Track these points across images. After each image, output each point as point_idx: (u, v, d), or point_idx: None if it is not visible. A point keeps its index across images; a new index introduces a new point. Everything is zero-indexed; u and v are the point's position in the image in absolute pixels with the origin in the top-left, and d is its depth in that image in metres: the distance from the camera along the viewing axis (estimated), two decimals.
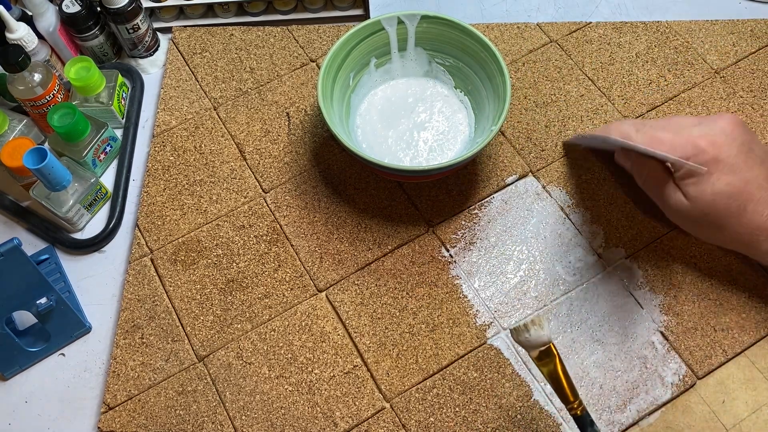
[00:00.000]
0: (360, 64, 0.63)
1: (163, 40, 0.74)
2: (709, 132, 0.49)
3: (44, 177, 0.57)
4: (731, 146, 0.48)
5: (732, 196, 0.48)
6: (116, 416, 0.54)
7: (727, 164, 0.48)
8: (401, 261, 0.59)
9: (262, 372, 0.55)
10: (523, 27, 0.71)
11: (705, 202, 0.49)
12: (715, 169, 0.48)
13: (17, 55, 0.59)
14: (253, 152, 0.65)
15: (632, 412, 0.52)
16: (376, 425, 0.52)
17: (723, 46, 0.68)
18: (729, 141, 0.48)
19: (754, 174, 0.48)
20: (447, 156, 0.61)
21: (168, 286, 0.59)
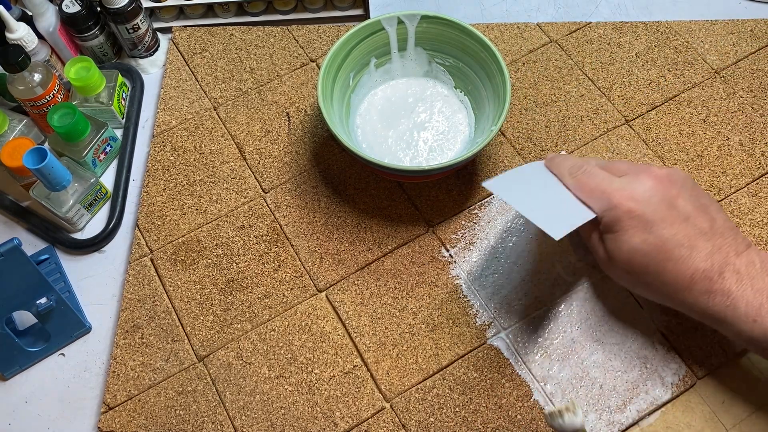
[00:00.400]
0: (360, 64, 0.63)
1: (163, 40, 0.74)
2: (627, 186, 0.46)
3: (44, 177, 0.57)
4: (649, 202, 0.45)
5: (648, 254, 0.45)
6: (116, 416, 0.54)
7: (643, 221, 0.45)
8: (401, 261, 0.59)
9: (262, 372, 0.55)
10: (523, 27, 0.71)
11: (622, 259, 0.46)
12: (629, 226, 0.45)
13: (17, 55, 0.59)
14: (253, 152, 0.65)
15: (632, 412, 0.52)
16: (376, 425, 0.52)
17: (723, 46, 0.68)
18: (647, 197, 0.45)
19: (674, 231, 0.45)
20: (447, 156, 0.61)
21: (168, 286, 0.59)
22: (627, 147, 0.63)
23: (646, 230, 0.45)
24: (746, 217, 0.59)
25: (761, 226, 0.59)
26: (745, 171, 0.61)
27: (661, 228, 0.45)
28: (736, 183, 0.61)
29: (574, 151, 0.63)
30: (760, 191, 0.60)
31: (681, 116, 0.64)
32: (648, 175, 0.46)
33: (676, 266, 0.44)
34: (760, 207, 0.59)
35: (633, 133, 0.64)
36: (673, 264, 0.44)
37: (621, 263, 0.46)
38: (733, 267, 0.44)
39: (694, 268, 0.44)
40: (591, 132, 0.64)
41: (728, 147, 0.62)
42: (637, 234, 0.45)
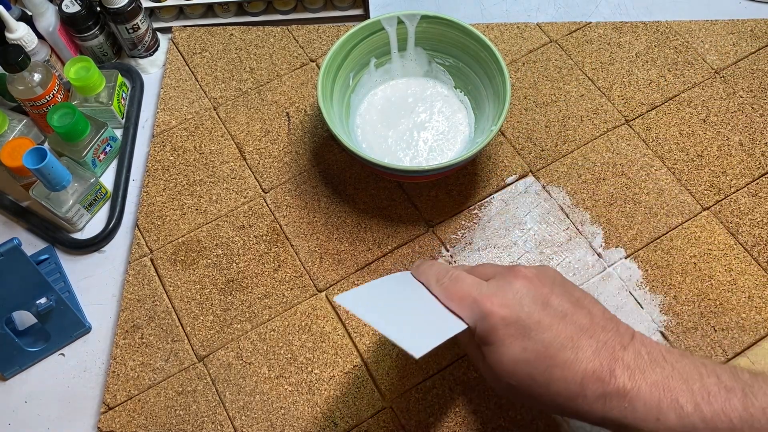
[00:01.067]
0: (360, 64, 0.63)
1: (163, 40, 0.74)
2: (497, 291, 0.42)
3: (44, 177, 0.57)
4: (521, 305, 0.41)
5: (531, 362, 0.40)
6: (116, 416, 0.54)
7: (519, 327, 0.40)
8: (401, 261, 0.59)
9: (261, 372, 0.55)
10: (523, 27, 0.71)
11: (505, 372, 0.40)
12: (506, 335, 0.40)
13: (17, 55, 0.59)
14: (253, 152, 0.65)
15: None
16: (376, 425, 0.52)
17: (723, 46, 0.68)
18: (519, 299, 0.41)
19: (554, 333, 0.40)
20: (447, 156, 0.61)
21: (168, 286, 0.59)
22: (627, 147, 0.63)
23: (524, 336, 0.40)
24: (746, 217, 0.59)
25: (761, 226, 0.59)
26: (745, 171, 0.61)
27: (540, 332, 0.40)
28: (736, 183, 0.61)
29: (573, 151, 0.63)
30: (760, 191, 0.60)
31: (681, 116, 0.64)
32: (516, 276, 0.42)
33: (563, 372, 0.39)
34: (760, 207, 0.59)
35: (633, 133, 0.64)
36: (560, 370, 0.39)
37: (505, 376, 0.41)
38: (623, 362, 0.39)
39: (583, 370, 0.39)
40: (591, 132, 0.64)
41: (728, 147, 0.62)
42: (515, 342, 0.40)
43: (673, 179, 0.61)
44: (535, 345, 0.40)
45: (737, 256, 0.57)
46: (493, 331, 0.41)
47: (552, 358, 0.40)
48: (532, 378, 0.40)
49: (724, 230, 0.59)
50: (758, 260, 0.57)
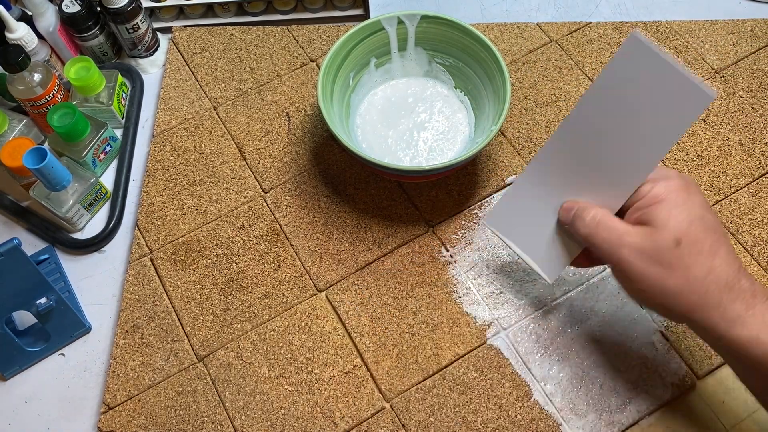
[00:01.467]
0: (360, 64, 0.63)
1: (163, 40, 0.74)
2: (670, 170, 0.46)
3: (44, 177, 0.57)
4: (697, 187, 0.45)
5: (707, 229, 0.42)
6: (116, 416, 0.54)
7: (700, 199, 0.44)
8: (401, 261, 0.59)
9: (261, 372, 0.55)
10: (523, 27, 0.71)
11: (677, 228, 0.42)
12: (689, 199, 0.43)
13: (17, 55, 0.59)
14: (253, 152, 0.65)
15: (632, 412, 0.52)
16: (376, 425, 0.52)
17: (723, 46, 0.68)
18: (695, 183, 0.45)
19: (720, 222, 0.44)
20: (447, 156, 0.61)
21: (168, 286, 0.59)
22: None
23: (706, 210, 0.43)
24: (746, 217, 0.59)
25: (761, 226, 0.59)
26: (745, 171, 0.61)
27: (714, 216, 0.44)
28: (736, 183, 0.61)
29: None
30: (760, 191, 0.60)
31: None
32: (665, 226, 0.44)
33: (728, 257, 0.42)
34: (760, 207, 0.59)
35: None
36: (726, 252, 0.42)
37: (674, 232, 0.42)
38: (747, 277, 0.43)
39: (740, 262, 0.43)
40: None
41: (728, 147, 0.62)
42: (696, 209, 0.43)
43: None
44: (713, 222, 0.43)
45: (737, 256, 0.57)
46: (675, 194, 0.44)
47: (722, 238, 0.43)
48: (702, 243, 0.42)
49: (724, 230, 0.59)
50: (758, 260, 0.57)
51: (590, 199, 0.47)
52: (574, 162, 0.48)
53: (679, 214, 0.42)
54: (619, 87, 0.44)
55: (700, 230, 0.42)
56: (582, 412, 0.52)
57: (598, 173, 0.47)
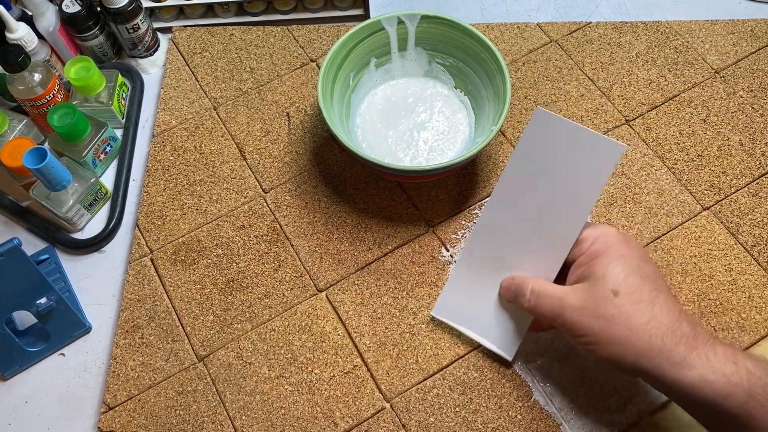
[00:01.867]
0: (360, 64, 0.63)
1: (163, 40, 0.74)
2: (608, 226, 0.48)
3: (44, 177, 0.57)
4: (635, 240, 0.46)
5: (645, 279, 0.44)
6: (116, 416, 0.54)
7: (638, 251, 0.45)
8: (401, 261, 0.59)
9: (262, 372, 0.55)
10: (523, 27, 0.71)
11: (614, 281, 0.44)
12: (626, 252, 0.45)
13: (17, 55, 0.59)
14: (253, 152, 0.65)
15: (632, 412, 0.52)
16: (376, 425, 0.52)
17: (723, 46, 0.68)
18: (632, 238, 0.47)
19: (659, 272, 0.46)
20: (447, 156, 0.61)
21: (168, 286, 0.59)
22: (627, 147, 0.63)
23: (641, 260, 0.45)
24: (746, 217, 0.59)
25: (761, 226, 0.59)
26: (745, 171, 0.61)
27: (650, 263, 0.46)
28: (736, 183, 0.61)
29: None
30: (760, 191, 0.60)
31: (681, 116, 0.64)
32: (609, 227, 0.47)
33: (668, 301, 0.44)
34: (760, 207, 0.59)
35: (633, 132, 0.64)
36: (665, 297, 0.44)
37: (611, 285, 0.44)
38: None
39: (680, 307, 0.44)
40: None
41: (728, 147, 0.62)
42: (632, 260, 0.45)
43: (673, 179, 0.61)
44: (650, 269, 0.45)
45: (737, 256, 0.57)
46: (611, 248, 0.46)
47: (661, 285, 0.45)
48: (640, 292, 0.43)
49: (724, 230, 0.59)
50: (758, 260, 0.57)
51: (528, 269, 0.50)
52: (506, 237, 0.50)
53: (616, 267, 0.44)
54: (534, 158, 0.47)
55: (637, 280, 0.44)
56: (582, 412, 0.52)
57: (531, 243, 0.49)
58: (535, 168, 0.47)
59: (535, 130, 0.46)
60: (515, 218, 0.49)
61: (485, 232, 0.51)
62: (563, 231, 0.47)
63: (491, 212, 0.51)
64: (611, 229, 0.47)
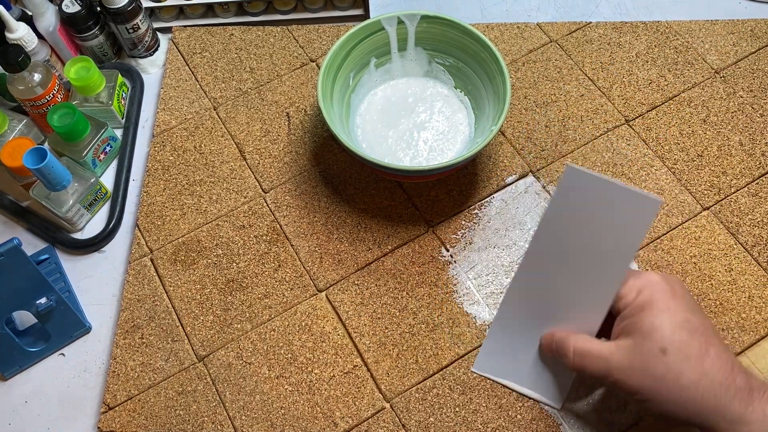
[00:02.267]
0: (360, 64, 0.63)
1: (163, 40, 0.74)
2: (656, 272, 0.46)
3: (44, 177, 0.57)
4: (683, 289, 0.45)
5: (693, 333, 0.42)
6: (116, 416, 0.54)
7: (684, 302, 0.44)
8: (401, 261, 0.59)
9: (262, 372, 0.55)
10: (523, 27, 0.71)
11: (661, 337, 0.42)
12: (673, 304, 0.43)
13: (17, 55, 0.59)
14: (253, 152, 0.65)
15: (632, 412, 0.52)
16: (376, 425, 0.52)
17: (723, 46, 0.68)
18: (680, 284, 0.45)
19: (708, 320, 0.44)
20: (447, 156, 0.61)
21: (168, 286, 0.59)
22: (627, 147, 0.63)
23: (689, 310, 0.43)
24: (746, 217, 0.59)
25: (761, 226, 0.59)
26: (745, 171, 0.61)
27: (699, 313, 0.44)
28: (736, 183, 0.61)
29: (574, 151, 0.63)
30: (760, 191, 0.60)
31: (681, 116, 0.64)
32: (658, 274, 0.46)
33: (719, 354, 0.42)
34: (760, 207, 0.59)
35: (633, 133, 0.64)
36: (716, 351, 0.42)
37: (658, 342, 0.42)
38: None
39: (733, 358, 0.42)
40: (591, 132, 0.64)
41: (728, 147, 0.62)
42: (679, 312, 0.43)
43: (673, 179, 0.61)
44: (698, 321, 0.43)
45: (737, 256, 0.57)
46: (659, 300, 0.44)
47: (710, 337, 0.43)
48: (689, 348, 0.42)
49: (724, 230, 0.59)
50: (758, 260, 0.57)
51: (569, 323, 0.48)
52: (543, 292, 0.49)
53: (663, 322, 0.43)
54: (568, 215, 0.46)
55: (685, 336, 0.42)
56: (582, 412, 0.52)
57: (570, 297, 0.48)
58: (570, 224, 0.46)
59: (567, 186, 0.45)
60: (552, 273, 0.48)
61: (522, 288, 0.50)
62: (602, 286, 0.46)
63: (527, 267, 0.49)
64: (655, 277, 0.45)
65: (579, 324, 0.48)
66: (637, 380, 0.43)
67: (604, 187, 0.43)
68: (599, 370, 0.44)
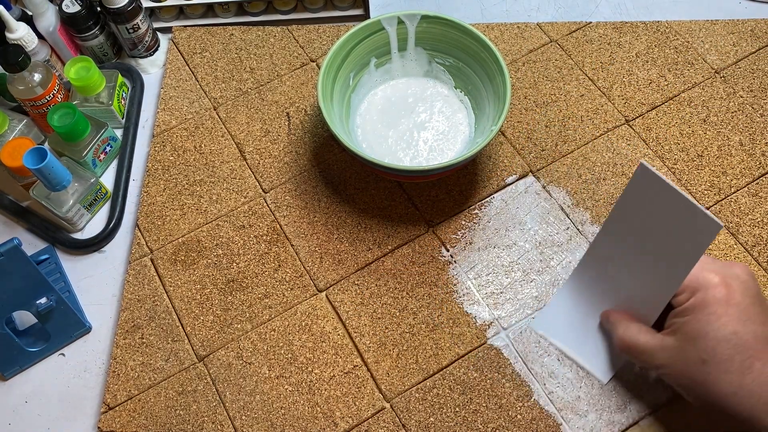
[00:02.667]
0: (360, 64, 0.63)
1: (163, 40, 0.74)
2: (722, 270, 0.44)
3: (44, 177, 0.57)
4: (745, 294, 0.43)
5: (738, 347, 0.42)
6: (116, 416, 0.54)
7: (738, 310, 0.43)
8: (401, 261, 0.59)
9: (262, 372, 0.55)
10: (523, 27, 0.71)
11: (703, 347, 0.43)
12: (724, 313, 0.43)
13: (17, 55, 0.59)
14: (253, 152, 0.65)
15: (632, 412, 0.52)
16: (376, 425, 0.52)
17: (723, 46, 0.68)
18: (743, 288, 0.44)
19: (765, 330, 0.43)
20: (447, 156, 0.61)
21: (168, 286, 0.59)
22: (627, 147, 0.63)
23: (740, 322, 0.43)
24: (746, 217, 0.59)
25: (761, 226, 0.59)
26: (745, 171, 0.61)
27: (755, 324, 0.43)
28: (736, 183, 0.61)
29: (574, 151, 0.63)
30: (760, 191, 0.60)
31: (681, 116, 0.64)
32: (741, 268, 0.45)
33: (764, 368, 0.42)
34: (760, 207, 0.59)
35: (633, 133, 0.64)
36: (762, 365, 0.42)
37: (700, 351, 0.43)
38: None
39: None
40: (591, 132, 0.64)
41: (728, 147, 0.62)
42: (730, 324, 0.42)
43: (673, 179, 0.61)
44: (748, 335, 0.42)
45: (737, 256, 0.57)
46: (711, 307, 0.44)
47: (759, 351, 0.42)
48: (730, 362, 0.42)
49: (724, 230, 0.59)
50: (758, 260, 0.57)
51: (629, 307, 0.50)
52: (609, 275, 0.51)
53: (709, 332, 0.43)
54: (636, 210, 0.47)
55: (728, 350, 0.42)
56: (582, 412, 0.52)
57: (632, 288, 0.50)
58: (637, 218, 0.47)
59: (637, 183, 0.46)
60: (618, 260, 0.50)
61: (591, 263, 0.52)
62: (661, 285, 0.47)
63: (597, 247, 0.51)
64: (714, 280, 0.44)
65: (637, 312, 0.49)
66: (675, 380, 0.45)
67: (671, 194, 0.43)
68: (641, 362, 0.47)
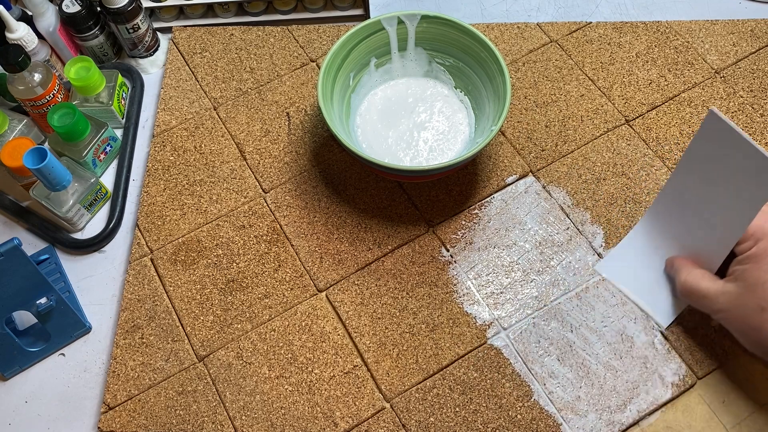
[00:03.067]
0: (360, 64, 0.63)
1: (163, 40, 0.74)
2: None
3: (44, 177, 0.57)
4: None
5: None
6: (116, 416, 0.54)
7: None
8: (401, 261, 0.59)
9: (262, 372, 0.55)
10: (523, 27, 0.71)
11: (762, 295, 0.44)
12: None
13: (17, 55, 0.59)
14: (253, 152, 0.65)
15: (632, 412, 0.52)
16: (376, 425, 0.53)
17: (723, 46, 0.68)
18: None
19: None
20: (447, 156, 0.61)
21: (168, 286, 0.59)
22: (627, 147, 0.63)
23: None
24: None
25: None
26: None
27: None
28: None
29: (574, 151, 0.63)
30: None
31: (681, 116, 0.64)
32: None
33: None
34: None
35: (633, 133, 0.64)
36: None
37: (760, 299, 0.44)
38: None
39: None
40: (591, 132, 0.64)
41: None
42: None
43: None
44: None
45: None
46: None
47: None
48: None
49: None
50: None
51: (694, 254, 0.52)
52: (677, 221, 0.53)
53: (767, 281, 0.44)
54: (705, 157, 0.48)
55: None
56: (582, 412, 0.52)
57: (698, 234, 0.51)
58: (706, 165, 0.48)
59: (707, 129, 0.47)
60: (685, 206, 0.51)
61: (660, 210, 0.54)
62: (725, 232, 0.48)
63: (666, 194, 0.53)
64: None
65: (701, 259, 0.51)
66: (734, 325, 0.46)
67: (738, 141, 0.44)
68: (702, 307, 0.49)
